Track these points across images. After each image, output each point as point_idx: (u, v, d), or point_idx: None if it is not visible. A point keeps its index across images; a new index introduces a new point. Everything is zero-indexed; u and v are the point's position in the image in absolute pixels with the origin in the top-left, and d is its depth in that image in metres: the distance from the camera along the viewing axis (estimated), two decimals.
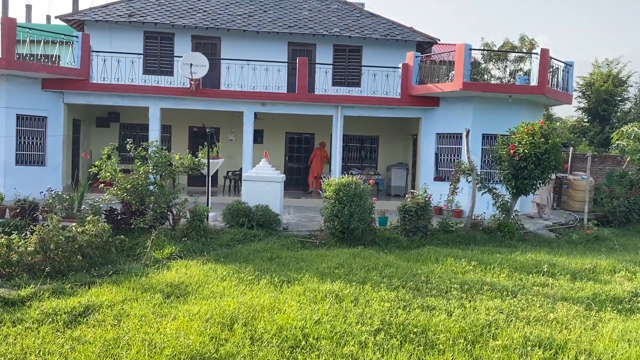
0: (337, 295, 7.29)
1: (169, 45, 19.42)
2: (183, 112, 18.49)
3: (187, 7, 20.30)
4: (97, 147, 17.64)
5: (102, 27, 18.88)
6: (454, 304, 7.16)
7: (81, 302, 6.83)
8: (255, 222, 12.11)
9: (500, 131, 14.13)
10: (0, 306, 6.74)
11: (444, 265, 9.57)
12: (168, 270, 8.78)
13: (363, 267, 8.97)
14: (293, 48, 20.03)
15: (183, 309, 6.64)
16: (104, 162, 11.67)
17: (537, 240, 12.99)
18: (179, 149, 16.83)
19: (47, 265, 8.34)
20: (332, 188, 11.63)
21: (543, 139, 12.76)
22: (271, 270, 8.68)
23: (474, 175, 13.37)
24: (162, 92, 16.77)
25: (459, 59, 15.38)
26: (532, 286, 8.44)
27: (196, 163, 12.39)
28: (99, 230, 9.31)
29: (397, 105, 17.23)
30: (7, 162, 15.48)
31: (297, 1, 22.13)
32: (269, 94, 17.20)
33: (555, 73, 16.80)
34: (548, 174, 13.30)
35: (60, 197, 12.00)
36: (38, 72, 15.42)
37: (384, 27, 20.54)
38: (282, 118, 19.48)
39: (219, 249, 10.56)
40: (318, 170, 19.93)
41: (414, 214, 12.06)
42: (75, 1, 40.33)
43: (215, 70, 18.66)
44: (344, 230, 11.36)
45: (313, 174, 19.96)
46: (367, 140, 21.38)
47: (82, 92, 16.38)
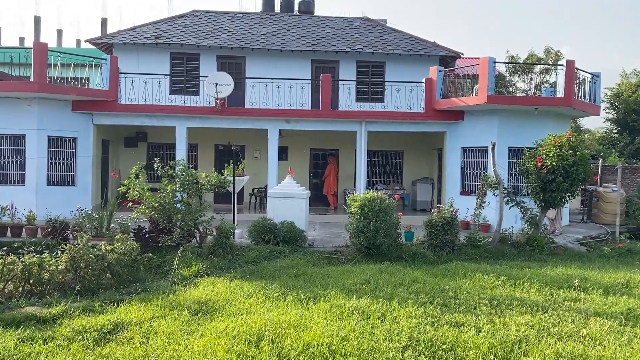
0: (363, 311, 7.24)
1: (194, 65, 19.78)
2: (209, 131, 18.75)
3: (212, 28, 20.69)
4: (126, 167, 17.96)
5: (130, 49, 19.34)
6: (483, 320, 7.04)
7: (110, 319, 6.91)
8: (281, 239, 12.13)
9: (526, 144, 13.96)
10: (32, 324, 6.86)
11: (472, 280, 9.43)
12: (195, 287, 8.84)
13: (390, 283, 8.89)
14: (316, 65, 20.20)
15: (210, 326, 6.67)
16: (132, 181, 11.86)
17: (567, 254, 12.72)
18: (205, 167, 17.03)
19: (77, 284, 8.48)
20: (357, 203, 11.60)
21: (571, 151, 12.55)
22: (297, 287, 8.66)
23: (501, 188, 13.20)
24: (189, 111, 17.06)
25: (483, 72, 15.31)
26: (564, 301, 8.25)
27: (222, 181, 12.50)
28: (127, 248, 9.43)
29: (421, 120, 17.18)
30: (39, 183, 15.87)
31: (319, 19, 22.40)
32: (293, 111, 17.34)
33: (581, 84, 16.59)
34: (577, 187, 13.07)
35: (89, 216, 12.22)
36: (68, 95, 15.86)
37: (407, 43, 20.59)
38: (306, 135, 19.59)
39: (245, 266, 10.59)
40: (335, 186, 19.90)
41: (441, 228, 11.94)
42: (104, 25, 41.50)
43: (240, 89, 18.91)
44: (369, 246, 11.30)
45: (331, 191, 19.85)
46: (392, 155, 21.34)
47: (111, 113, 16.76)
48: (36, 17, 41.39)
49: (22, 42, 41.45)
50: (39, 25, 41.45)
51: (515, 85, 29.92)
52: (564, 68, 15.56)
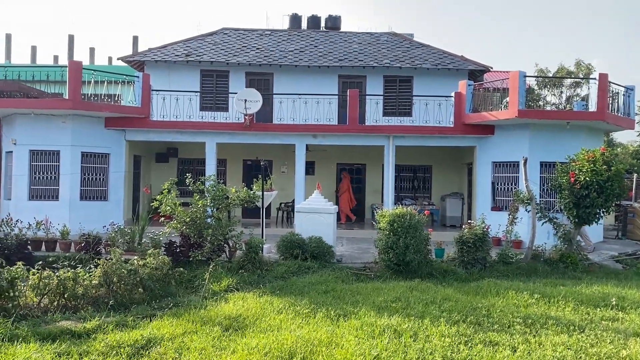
0: (395, 329, 7.16)
1: (224, 82, 20.05)
2: (237, 146, 18.94)
3: (241, 46, 20.98)
4: (157, 182, 18.25)
5: (161, 66, 19.72)
6: (518, 339, 6.90)
7: (143, 334, 6.97)
8: (309, 254, 12.12)
9: (559, 158, 13.73)
10: (67, 338, 6.97)
11: (505, 298, 9.25)
12: (226, 302, 8.88)
13: (421, 301, 8.78)
14: (343, 80, 20.28)
15: (242, 342, 6.67)
16: (164, 196, 12.02)
17: (602, 272, 12.41)
18: (233, 182, 17.18)
19: (110, 298, 8.60)
20: (386, 219, 11.52)
21: (605, 166, 12.31)
22: (327, 304, 8.63)
23: (533, 204, 12.98)
24: (218, 127, 17.27)
25: (514, 86, 15.16)
26: (601, 320, 8.04)
27: (251, 195, 12.60)
28: (159, 263, 9.54)
29: (450, 134, 17.07)
30: (72, 198, 16.20)
31: (346, 35, 22.53)
32: (320, 126, 17.40)
33: (615, 98, 16.28)
34: (612, 203, 12.79)
35: (122, 231, 12.42)
36: (102, 112, 16.23)
37: (435, 57, 20.54)
38: (333, 149, 19.62)
39: (274, 281, 10.60)
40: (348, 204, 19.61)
41: (472, 245, 11.78)
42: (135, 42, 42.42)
43: (268, 105, 19.09)
44: (399, 262, 11.19)
45: (346, 209, 19.48)
46: (420, 169, 21.19)
47: (143, 129, 17.07)
48: (70, 35, 42.53)
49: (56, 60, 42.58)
50: (73, 43, 42.60)
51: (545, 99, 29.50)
52: (596, 81, 15.30)
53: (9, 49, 42.99)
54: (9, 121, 16.76)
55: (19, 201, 16.16)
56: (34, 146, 16.29)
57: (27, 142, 16.27)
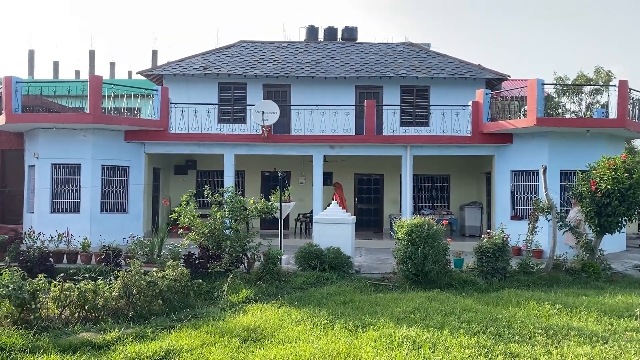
0: (414, 341, 7.10)
1: (241, 94, 20.23)
2: (255, 158, 19.05)
3: (258, 58, 21.16)
4: (176, 194, 18.39)
5: (179, 80, 19.97)
6: (540, 351, 6.79)
7: (162, 346, 7.02)
8: (327, 265, 12.09)
9: (579, 167, 13.55)
10: (87, 350, 7.05)
11: (526, 309, 9.12)
12: (244, 314, 8.89)
13: (440, 312, 8.71)
14: (360, 91, 20.32)
15: (260, 354, 6.68)
16: (183, 208, 12.12)
17: (626, 281, 12.16)
18: (251, 194, 17.25)
19: (130, 310, 8.68)
20: (404, 229, 11.45)
21: (627, 174, 12.11)
22: (345, 315, 8.60)
23: (554, 213, 12.81)
24: (236, 139, 17.40)
25: (532, 94, 15.05)
26: (625, 331, 7.87)
27: (269, 207, 12.63)
28: (178, 274, 9.61)
29: (468, 144, 16.97)
30: (93, 211, 16.41)
31: (363, 46, 22.60)
32: (337, 137, 17.43)
33: (635, 104, 16.07)
34: (635, 211, 12.57)
35: (141, 243, 12.54)
36: (121, 125, 16.47)
37: (451, 66, 20.49)
38: (350, 160, 19.62)
39: (293, 292, 10.59)
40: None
41: (492, 255, 11.64)
42: (154, 56, 43.11)
43: (286, 116, 19.19)
44: (417, 272, 11.11)
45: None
46: (438, 179, 21.08)
47: (162, 142, 17.26)
48: (91, 51, 43.45)
49: (77, 74, 43.46)
50: (94, 58, 43.46)
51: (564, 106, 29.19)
52: (616, 88, 15.13)
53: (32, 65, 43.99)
54: (32, 135, 17.08)
55: (42, 214, 16.41)
56: (56, 160, 16.56)
57: (49, 156, 16.55)
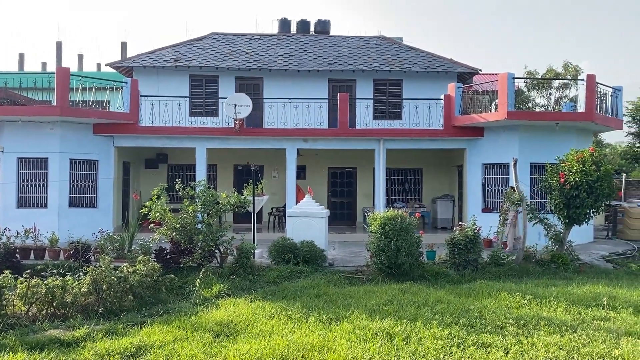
0: (387, 333, 7.13)
1: (213, 87, 19.99)
2: (228, 151, 18.86)
3: (230, 50, 20.93)
4: (146, 188, 18.10)
5: (150, 72, 19.63)
6: (511, 341, 6.89)
7: (133, 342, 6.89)
8: (301, 258, 12.06)
9: (548, 159, 13.78)
10: (56, 347, 6.88)
11: (498, 299, 9.25)
12: (217, 308, 8.80)
13: (413, 304, 8.76)
14: (333, 84, 20.28)
15: (233, 349, 6.61)
16: (154, 203, 11.93)
17: (593, 272, 12.44)
18: (224, 187, 17.09)
19: (99, 306, 8.51)
20: (377, 222, 11.49)
21: (594, 167, 12.36)
22: (319, 308, 8.58)
23: (524, 205, 13.01)
24: (208, 132, 17.20)
25: (502, 88, 15.22)
26: (592, 320, 8.05)
27: (242, 201, 12.53)
28: (149, 269, 9.46)
29: (440, 137, 17.10)
30: (61, 205, 16.05)
31: (336, 39, 22.56)
32: (311, 131, 17.37)
33: (603, 98, 16.39)
34: (602, 203, 12.85)
35: (111, 238, 12.30)
36: (90, 118, 16.11)
37: (424, 60, 20.60)
38: (324, 153, 19.59)
39: (266, 286, 10.54)
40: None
41: (463, 247, 11.77)
42: (124, 48, 42.28)
43: (259, 110, 19.04)
44: (391, 265, 11.16)
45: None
46: (411, 172, 21.22)
47: (132, 135, 16.96)
48: (58, 42, 42.39)
49: (44, 67, 42.38)
50: (61, 50, 42.42)
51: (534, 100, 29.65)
52: (584, 83, 15.40)
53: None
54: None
55: (7, 209, 15.97)
56: (22, 154, 16.13)
57: (15, 150, 16.11)
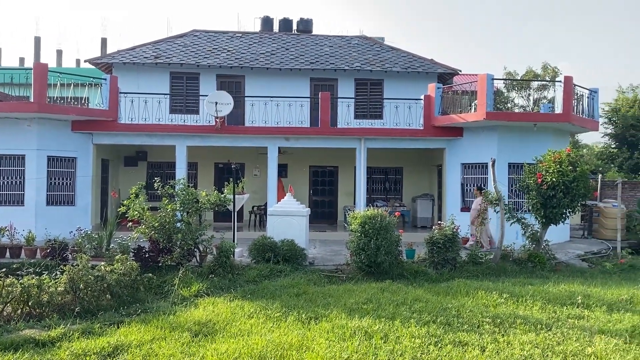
0: (366, 331, 7.17)
1: (194, 84, 19.87)
2: (209, 149, 18.77)
3: (211, 48, 20.82)
4: (126, 186, 17.92)
5: (130, 69, 19.44)
6: (487, 339, 6.97)
7: (110, 342, 6.84)
8: (281, 257, 12.06)
9: (526, 160, 13.97)
10: (31, 347, 6.79)
11: (475, 298, 9.35)
12: (196, 308, 8.77)
13: (392, 302, 8.82)
14: (315, 83, 20.29)
15: (211, 348, 6.60)
16: (132, 201, 11.83)
17: (569, 271, 12.65)
18: (205, 186, 17.02)
19: (76, 305, 8.41)
20: (357, 221, 11.55)
21: (571, 167, 12.56)
22: (298, 307, 8.59)
23: (502, 205, 13.16)
24: (189, 130, 17.08)
25: (482, 89, 15.38)
26: (567, 319, 8.18)
27: (222, 199, 12.47)
28: (127, 268, 9.38)
29: (420, 137, 17.22)
30: (38, 203, 15.82)
31: (318, 38, 22.57)
32: (292, 129, 17.36)
33: (580, 100, 16.66)
34: (578, 203, 13.06)
35: (89, 236, 12.16)
36: (68, 115, 15.88)
37: (405, 60, 20.72)
38: (305, 152, 19.60)
39: (246, 285, 10.52)
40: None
41: (442, 245, 11.88)
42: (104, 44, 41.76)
43: (240, 108, 18.97)
44: (370, 264, 11.23)
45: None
46: (391, 171, 21.34)
47: (111, 132, 16.78)
48: (36, 37, 41.70)
49: (22, 62, 41.65)
50: (39, 45, 41.74)
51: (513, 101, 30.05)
52: (562, 84, 15.63)
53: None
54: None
55: None
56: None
57: None
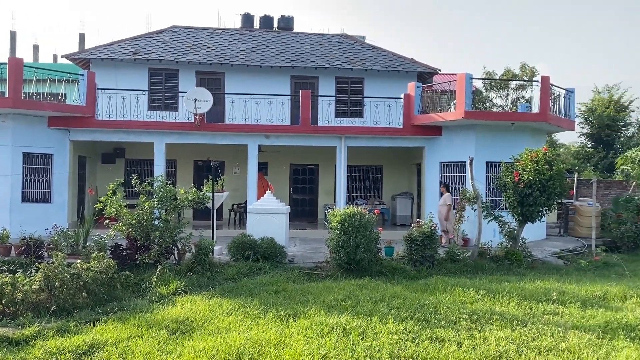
0: (344, 328, 7.20)
1: (173, 81, 19.70)
2: (188, 147, 18.62)
3: (191, 44, 20.66)
4: (103, 183, 17.70)
5: (108, 64, 19.20)
6: (464, 335, 7.05)
7: (86, 340, 6.76)
8: (261, 255, 12.04)
9: (504, 159, 14.12)
10: (4, 346, 6.69)
11: (452, 295, 9.45)
12: (173, 305, 8.71)
13: (370, 299, 8.87)
14: (296, 81, 20.27)
15: (188, 346, 6.56)
16: (109, 198, 11.69)
17: (545, 268, 12.85)
18: (184, 183, 16.87)
19: (52, 304, 8.30)
20: (337, 219, 11.59)
21: (547, 166, 12.74)
22: (277, 304, 8.59)
23: (479, 203, 13.32)
24: (167, 127, 16.92)
25: (460, 88, 15.50)
26: (542, 315, 8.31)
27: (201, 197, 12.40)
28: (104, 266, 9.28)
29: (399, 135, 17.31)
30: (13, 200, 15.54)
31: (299, 36, 22.54)
32: (272, 127, 17.32)
33: (556, 100, 16.89)
34: (554, 201, 13.26)
35: (65, 234, 12.00)
36: (44, 110, 15.61)
37: (385, 59, 20.80)
38: (286, 150, 19.58)
39: (225, 283, 10.48)
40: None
41: (420, 243, 11.98)
42: (82, 40, 41.16)
43: (220, 105, 18.86)
44: (350, 261, 11.27)
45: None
46: (371, 170, 21.41)
47: (88, 129, 16.54)
48: (12, 32, 40.92)
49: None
50: (15, 40, 40.99)
51: (492, 101, 30.38)
52: (539, 84, 15.84)
53: None
54: None
55: None
56: None
57: None
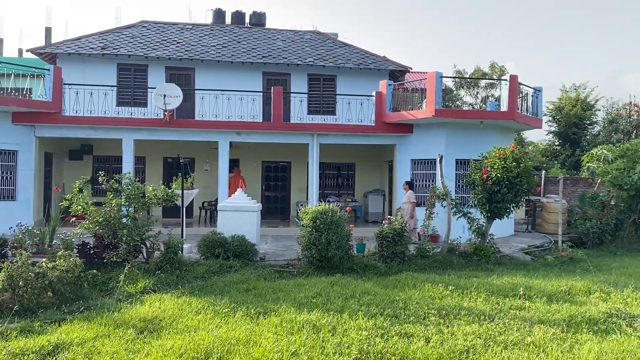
0: (314, 325, 7.20)
1: (142, 76, 19.40)
2: (157, 143, 18.37)
3: (160, 39, 20.37)
4: (70, 181, 17.32)
5: (75, 59, 18.80)
6: (432, 330, 7.13)
7: (50, 340, 6.62)
8: (232, 253, 11.96)
9: (473, 156, 14.32)
10: None
11: (422, 290, 9.54)
12: (141, 304, 8.59)
13: (341, 296, 8.89)
14: (268, 78, 20.17)
15: (156, 345, 6.48)
16: (76, 196, 11.45)
17: (512, 263, 13.07)
18: (153, 180, 16.66)
19: (15, 303, 8.10)
20: (309, 216, 11.58)
21: (515, 163, 12.95)
22: (247, 302, 8.55)
23: (449, 200, 13.47)
24: (136, 123, 16.66)
25: (431, 86, 15.65)
26: (509, 310, 8.45)
27: (170, 194, 12.23)
28: (70, 265, 9.09)
29: (371, 133, 17.39)
30: None
31: (270, 32, 22.43)
32: (244, 124, 17.21)
33: (524, 98, 17.19)
34: (521, 198, 13.48)
35: (30, 232, 11.71)
36: (8, 106, 15.22)
37: (357, 57, 20.86)
38: (258, 147, 19.48)
39: (194, 282, 10.38)
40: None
41: (391, 240, 12.06)
42: (48, 34, 40.17)
43: (190, 101, 18.66)
44: (321, 258, 11.29)
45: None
46: (344, 167, 21.47)
47: (54, 125, 16.19)
48: None
49: None
50: None
51: (462, 99, 30.75)
52: (507, 83, 16.08)
53: None
54: None
55: None
56: None
57: None
